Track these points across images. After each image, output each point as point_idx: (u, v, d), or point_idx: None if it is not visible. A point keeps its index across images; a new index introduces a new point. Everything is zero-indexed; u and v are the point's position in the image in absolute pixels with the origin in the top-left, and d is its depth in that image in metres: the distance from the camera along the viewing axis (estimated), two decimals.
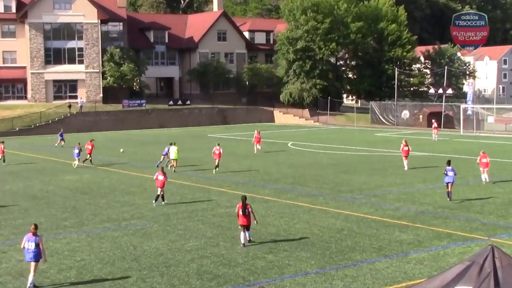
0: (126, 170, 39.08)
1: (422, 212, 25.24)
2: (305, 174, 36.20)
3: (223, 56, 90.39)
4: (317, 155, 46.20)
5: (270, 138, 61.41)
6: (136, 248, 20.27)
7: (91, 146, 41.61)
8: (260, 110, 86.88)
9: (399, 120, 77.58)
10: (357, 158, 44.04)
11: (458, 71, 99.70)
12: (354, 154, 46.76)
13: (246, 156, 45.69)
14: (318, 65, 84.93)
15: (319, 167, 39.21)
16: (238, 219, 20.54)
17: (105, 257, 19.27)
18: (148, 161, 43.53)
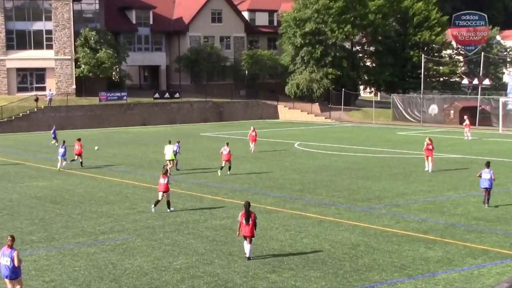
0: (104, 175, 39.23)
1: (453, 224, 25.38)
2: (314, 179, 36.34)
3: (218, 41, 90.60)
4: (329, 157, 46.35)
5: (274, 137, 61.56)
6: (115, 267, 20.42)
7: (78, 145, 42.35)
8: (261, 105, 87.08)
9: (426, 116, 77.76)
10: (376, 161, 44.19)
11: (497, 58, 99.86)
12: (372, 156, 46.91)
13: (245, 158, 45.85)
14: (330, 52, 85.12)
15: (331, 171, 39.36)
16: (241, 229, 20.87)
17: (79, 277, 19.41)
18: (130, 164, 43.68)
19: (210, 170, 40.37)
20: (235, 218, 26.79)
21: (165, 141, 46.75)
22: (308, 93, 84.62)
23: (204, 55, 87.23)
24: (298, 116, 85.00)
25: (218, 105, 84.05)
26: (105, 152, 49.85)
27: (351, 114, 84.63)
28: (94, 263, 20.82)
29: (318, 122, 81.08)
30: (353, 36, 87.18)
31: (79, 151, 42.25)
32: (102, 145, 54.58)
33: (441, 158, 45.22)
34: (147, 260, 21.04)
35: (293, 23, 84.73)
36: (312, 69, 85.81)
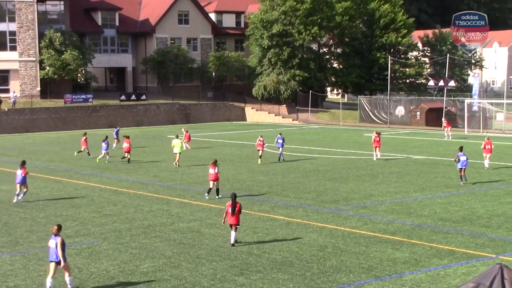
0: (70, 178, 38.91)
1: (420, 225, 25.58)
2: (282, 181, 36.40)
3: (185, 42, 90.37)
4: (296, 159, 46.44)
5: (241, 139, 61.55)
6: (81, 271, 20.24)
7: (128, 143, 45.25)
8: (229, 107, 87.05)
9: (392, 118, 78.36)
10: (343, 162, 44.40)
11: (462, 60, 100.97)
12: (339, 158, 47.11)
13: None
14: (297, 53, 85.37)
15: (298, 173, 39.45)
16: (227, 218, 22.70)
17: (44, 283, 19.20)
18: (96, 167, 43.36)
19: (177, 173, 40.23)
20: (202, 221, 26.75)
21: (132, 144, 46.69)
22: (275, 95, 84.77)
23: (171, 57, 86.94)
24: (266, 118, 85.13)
25: (185, 107, 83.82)
26: (71, 155, 49.40)
27: (318, 116, 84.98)
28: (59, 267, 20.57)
29: (285, 124, 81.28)
30: (320, 38, 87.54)
31: (127, 148, 45.07)
32: (67, 149, 54.11)
33: (408, 160, 45.59)
34: (113, 264, 20.88)
35: (260, 24, 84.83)
36: (279, 71, 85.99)
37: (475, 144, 55.58)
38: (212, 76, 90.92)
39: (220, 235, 24.33)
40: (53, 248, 18.24)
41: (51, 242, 18.36)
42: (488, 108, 70.92)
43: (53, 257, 18.26)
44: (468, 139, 60.83)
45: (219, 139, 61.28)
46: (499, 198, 31.04)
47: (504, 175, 38.12)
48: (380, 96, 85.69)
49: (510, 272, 9.48)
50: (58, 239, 18.19)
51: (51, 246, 18.32)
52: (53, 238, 18.34)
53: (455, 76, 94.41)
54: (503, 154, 46.45)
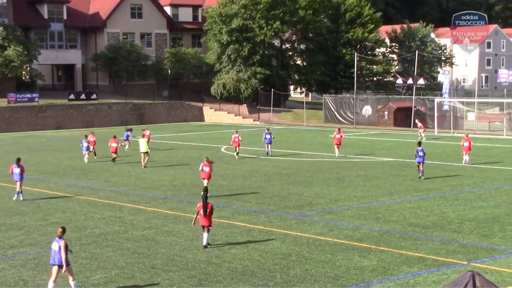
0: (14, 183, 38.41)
1: (388, 231, 25.78)
2: (243, 186, 36.41)
3: (138, 38, 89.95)
4: (258, 162, 46.51)
5: (199, 141, 61.43)
6: (26, 283, 20.02)
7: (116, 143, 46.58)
8: (186, 106, 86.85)
9: (359, 118, 78.90)
10: (308, 165, 44.56)
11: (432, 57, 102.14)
12: (304, 160, 47.27)
13: (168, 164, 45.60)
14: (258, 50, 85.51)
15: (260, 177, 39.50)
16: (199, 219, 23.42)
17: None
18: (42, 172, 42.92)
19: (130, 177, 40.01)
20: (158, 228, 26.64)
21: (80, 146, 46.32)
22: (235, 94, 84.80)
23: (123, 53, 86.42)
24: (225, 118, 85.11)
25: (139, 107, 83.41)
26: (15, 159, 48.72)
27: (281, 116, 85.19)
28: (3, 280, 20.35)
29: (246, 124, 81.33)
30: (282, 33, 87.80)
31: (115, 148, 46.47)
32: (12, 151, 53.46)
33: (375, 162, 45.95)
34: (61, 276, 20.67)
35: (219, 19, 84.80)
36: (239, 68, 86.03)
37: (446, 146, 56.22)
38: (167, 74, 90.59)
39: (177, 243, 24.25)
40: (55, 251, 18.61)
41: (54, 245, 18.70)
42: (459, 108, 71.79)
43: (55, 260, 18.63)
44: (440, 140, 61.51)
45: (175, 141, 61.07)
46: (471, 202, 31.44)
47: (475, 177, 38.64)
48: (346, 95, 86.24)
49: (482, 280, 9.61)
50: (61, 242, 18.54)
51: (53, 248, 18.70)
52: (57, 240, 18.69)
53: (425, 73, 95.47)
54: (474, 156, 47.07)
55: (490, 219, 27.67)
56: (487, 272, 20.32)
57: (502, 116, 70.01)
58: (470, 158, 44.07)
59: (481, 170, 41.77)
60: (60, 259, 18.50)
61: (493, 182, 37.27)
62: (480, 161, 45.38)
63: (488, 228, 26.11)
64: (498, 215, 28.42)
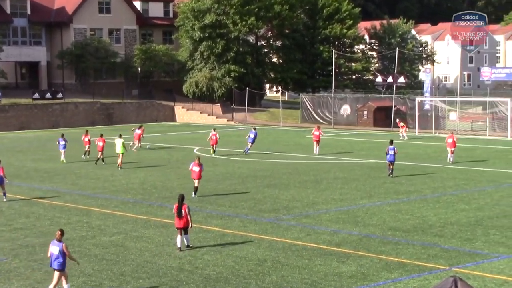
0: None
1: (367, 236, 25.87)
2: (216, 188, 36.38)
3: (106, 34, 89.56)
4: (232, 164, 46.48)
5: (171, 142, 61.28)
6: None
7: (102, 142, 46.25)
8: (156, 106, 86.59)
9: (337, 118, 79.05)
10: (284, 167, 44.61)
11: (413, 54, 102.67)
12: (279, 162, 47.32)
13: (138, 166, 45.46)
14: (232, 46, 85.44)
15: (234, 179, 39.49)
16: (174, 221, 23.93)
17: None
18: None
19: (98, 180, 39.83)
20: (127, 234, 26.54)
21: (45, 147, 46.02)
22: (208, 93, 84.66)
23: (90, 50, 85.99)
24: (198, 118, 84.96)
25: (107, 107, 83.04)
26: None
27: (256, 116, 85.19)
28: None
29: (219, 124, 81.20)
30: (257, 29, 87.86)
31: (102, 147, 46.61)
32: None
33: (354, 164, 46.11)
34: (25, 284, 20.54)
35: (191, 14, 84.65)
36: (212, 66, 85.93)
37: (427, 147, 56.53)
38: (137, 72, 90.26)
39: (147, 249, 24.18)
40: (55, 254, 18.83)
41: (53, 249, 18.96)
42: (440, 107, 72.16)
43: (55, 264, 18.90)
44: (421, 140, 61.82)
45: (145, 142, 60.89)
46: (453, 205, 31.64)
47: (457, 179, 38.89)
48: (323, 94, 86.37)
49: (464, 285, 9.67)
50: (62, 245, 18.89)
51: (53, 252, 18.93)
52: (56, 244, 18.95)
53: (405, 71, 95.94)
54: (457, 157, 47.35)
55: (472, 223, 27.86)
56: (469, 277, 20.46)
57: (485, 116, 70.50)
58: (454, 156, 45.39)
59: (464, 171, 42.05)
60: (61, 263, 18.81)
61: (476, 184, 37.54)
62: (462, 162, 45.67)
63: (470, 232, 26.28)
64: (481, 219, 28.63)
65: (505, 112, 66.06)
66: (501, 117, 67.68)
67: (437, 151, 52.75)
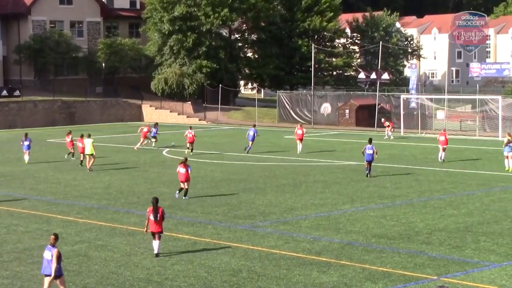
0: None
1: (350, 243, 25.91)
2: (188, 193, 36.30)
3: (68, 26, 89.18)
4: (204, 166, 46.40)
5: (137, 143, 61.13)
6: None
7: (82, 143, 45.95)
8: (122, 104, 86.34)
9: (317, 117, 79.17)
10: (260, 170, 44.62)
11: (397, 49, 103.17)
12: (255, 164, 47.31)
13: (103, 169, 45.26)
14: (204, 40, 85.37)
15: (207, 183, 39.43)
16: (148, 226, 24.05)
17: None
18: None
19: (60, 184, 39.61)
20: (90, 242, 26.41)
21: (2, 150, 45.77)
22: (178, 90, 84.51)
23: (50, 44, 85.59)
24: (167, 118, 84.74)
25: (69, 105, 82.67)
26: None
27: (230, 115, 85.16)
28: None
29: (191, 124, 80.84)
30: (231, 22, 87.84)
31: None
32: None
33: (335, 166, 46.21)
34: None
35: (160, 6, 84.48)
36: (183, 62, 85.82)
37: (413, 148, 56.78)
38: (101, 68, 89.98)
39: (112, 259, 24.06)
40: (48, 260, 19.10)
41: (46, 254, 19.19)
42: (427, 105, 72.47)
43: (48, 270, 19.08)
44: (407, 141, 62.04)
45: (111, 143, 60.67)
46: (441, 210, 31.77)
47: (445, 182, 39.07)
48: (302, 91, 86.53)
49: None
50: (54, 251, 19.04)
51: (46, 257, 19.17)
52: (49, 249, 19.13)
53: (389, 67, 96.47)
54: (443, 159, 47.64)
55: (462, 229, 27.98)
56: (458, 287, 20.54)
57: (475, 115, 70.90)
58: (445, 154, 47.03)
59: (452, 174, 42.25)
60: (56, 269, 18.90)
61: (465, 187, 37.73)
62: (450, 165, 45.91)
63: (459, 239, 26.39)
64: (471, 224, 28.76)
65: (496, 110, 66.37)
66: (492, 116, 68.04)
67: (424, 152, 53.00)
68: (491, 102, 68.24)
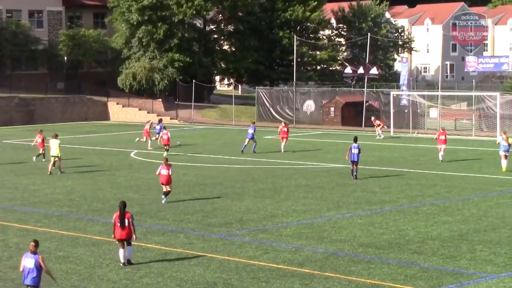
0: None
1: (335, 253, 25.94)
2: (157, 199, 36.21)
3: (26, 16, 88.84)
4: (176, 170, 46.22)
5: (103, 144, 60.93)
6: None
7: None
8: (86, 102, 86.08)
9: (300, 116, 79.20)
10: (237, 173, 44.59)
11: (387, 41, 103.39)
12: (232, 167, 47.30)
13: (64, 173, 45.07)
14: (176, 32, 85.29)
15: (179, 188, 39.34)
16: (115, 232, 24.18)
17: None
18: None
19: (17, 189, 39.43)
20: (50, 253, 26.30)
21: None
22: (148, 86, 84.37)
23: (7, 35, 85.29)
24: (136, 117, 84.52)
25: (27, 103, 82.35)
26: None
27: (205, 113, 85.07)
28: None
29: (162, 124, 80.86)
30: (206, 11, 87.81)
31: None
32: None
33: (319, 169, 46.25)
34: None
35: None
36: (153, 55, 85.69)
37: (404, 149, 56.95)
38: (63, 62, 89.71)
39: (74, 271, 23.97)
40: (29, 268, 19.12)
41: (26, 262, 19.25)
42: (419, 102, 72.62)
43: (29, 280, 19.16)
44: (397, 141, 62.17)
45: (73, 145, 60.47)
46: (433, 216, 31.86)
47: (439, 187, 39.20)
48: (283, 88, 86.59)
49: None
50: (39, 258, 19.19)
51: (27, 266, 19.19)
52: (30, 256, 19.20)
53: (378, 61, 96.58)
54: (438, 161, 47.75)
55: (456, 237, 28.08)
56: None
57: (471, 113, 71.12)
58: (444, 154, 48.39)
59: (446, 177, 42.41)
60: (35, 279, 18.97)
61: (460, 192, 37.87)
62: (444, 167, 46.08)
63: (454, 248, 26.49)
64: (466, 232, 28.88)
65: (494, 108, 66.55)
66: (489, 114, 68.23)
67: (416, 154, 53.19)
68: (488, 99, 68.42)
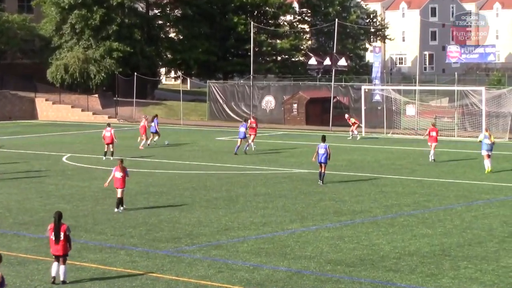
0: None
1: (299, 272, 25.97)
2: (94, 211, 36.06)
3: None
4: None
5: (31, 147, 60.57)
6: None
7: None
8: (10, 98, 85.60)
9: (258, 113, 79.15)
10: (187, 180, 44.55)
11: (357, 28, 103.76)
12: (181, 173, 47.24)
13: None
14: (115, 17, 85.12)
15: None
16: (50, 247, 24.41)
17: None
18: None
19: None
20: None
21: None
22: (82, 80, 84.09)
23: None
24: (68, 115, 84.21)
25: None
26: None
27: (148, 111, 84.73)
28: None
29: (98, 123, 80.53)
30: None
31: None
32: None
33: (281, 175, 46.29)
34: None
35: None
36: (88, 44, 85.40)
37: (378, 151, 57.19)
38: None
39: None
40: None
41: None
42: (394, 98, 72.89)
43: None
44: (369, 143, 62.41)
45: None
46: (411, 229, 32.01)
47: (417, 195, 39.40)
48: (239, 81, 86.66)
49: None
50: None
51: None
52: None
53: (347, 51, 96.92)
54: (416, 164, 48.02)
55: (437, 253, 28.23)
56: None
57: (453, 110, 71.61)
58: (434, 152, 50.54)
59: (425, 184, 42.65)
60: None
61: (441, 201, 38.11)
62: (423, 173, 46.32)
63: (435, 265, 26.63)
64: (449, 247, 29.04)
65: (479, 105, 66.99)
66: (473, 111, 68.74)
67: (391, 157, 53.44)
68: (472, 95, 68.90)
